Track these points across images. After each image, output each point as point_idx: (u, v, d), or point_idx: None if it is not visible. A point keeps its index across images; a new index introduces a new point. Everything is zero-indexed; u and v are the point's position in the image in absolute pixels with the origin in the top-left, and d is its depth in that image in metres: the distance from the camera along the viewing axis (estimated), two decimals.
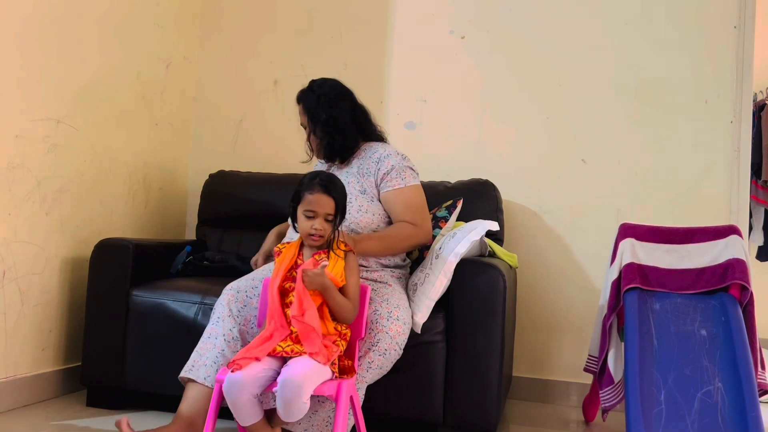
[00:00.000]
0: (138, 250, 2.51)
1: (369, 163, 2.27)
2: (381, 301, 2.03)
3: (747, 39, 2.79)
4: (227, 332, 1.99)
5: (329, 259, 1.85)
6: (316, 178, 1.87)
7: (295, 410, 1.63)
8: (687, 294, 2.27)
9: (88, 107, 2.69)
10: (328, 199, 1.84)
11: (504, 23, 3.06)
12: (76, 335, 2.65)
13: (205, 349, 2.00)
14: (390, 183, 2.22)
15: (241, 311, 2.03)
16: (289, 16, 3.31)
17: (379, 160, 2.25)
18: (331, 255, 1.86)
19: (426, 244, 2.30)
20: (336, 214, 1.86)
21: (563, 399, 2.90)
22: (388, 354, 1.96)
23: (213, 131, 3.37)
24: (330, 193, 1.85)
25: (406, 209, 2.21)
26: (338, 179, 1.91)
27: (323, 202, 1.84)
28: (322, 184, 1.85)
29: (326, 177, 1.88)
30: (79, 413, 2.39)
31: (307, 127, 2.32)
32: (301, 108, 2.34)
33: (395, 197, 2.22)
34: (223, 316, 2.03)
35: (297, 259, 1.89)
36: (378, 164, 2.24)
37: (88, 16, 2.65)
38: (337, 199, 1.86)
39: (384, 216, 2.25)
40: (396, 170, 2.23)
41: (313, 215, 1.84)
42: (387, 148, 2.30)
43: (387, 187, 2.22)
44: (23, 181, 2.41)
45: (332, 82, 2.34)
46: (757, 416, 1.91)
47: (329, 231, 1.86)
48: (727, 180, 2.80)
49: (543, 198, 2.97)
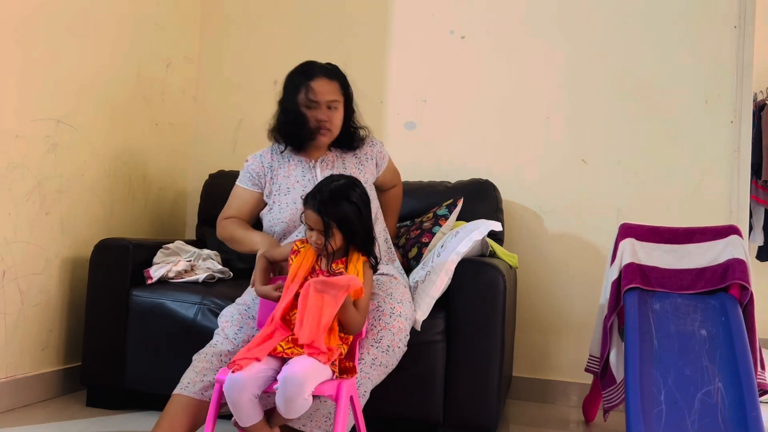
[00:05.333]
0: (138, 250, 2.51)
1: (366, 148, 2.37)
2: (384, 296, 2.02)
3: (747, 39, 2.79)
4: (224, 352, 1.97)
5: (347, 269, 1.85)
6: (308, 195, 1.88)
7: (296, 407, 1.63)
8: (687, 294, 2.27)
9: (88, 107, 2.69)
10: (316, 216, 1.83)
11: (504, 23, 3.06)
12: (76, 335, 2.65)
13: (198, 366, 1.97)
14: (384, 161, 2.44)
15: (237, 333, 2.01)
16: (289, 16, 3.31)
17: (373, 145, 2.39)
18: (349, 266, 1.85)
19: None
20: (327, 230, 1.83)
21: (563, 399, 2.90)
22: (392, 351, 1.95)
23: (213, 131, 3.37)
24: (314, 208, 1.83)
25: (392, 177, 2.53)
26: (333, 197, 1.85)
27: (312, 218, 1.84)
28: (307, 200, 1.86)
29: (315, 192, 1.87)
30: (79, 413, 2.39)
31: (331, 104, 2.23)
32: (337, 86, 2.25)
33: (387, 172, 2.46)
34: (219, 340, 2.01)
35: (315, 265, 1.88)
36: (378, 147, 2.40)
37: (88, 15, 2.65)
38: (323, 216, 1.82)
39: (377, 200, 2.37)
40: (383, 148, 2.44)
41: (311, 228, 1.86)
42: (371, 137, 2.41)
43: (383, 165, 2.43)
44: (23, 181, 2.41)
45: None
46: (757, 416, 1.91)
47: (334, 244, 1.84)
48: (727, 180, 2.80)
49: (543, 198, 2.97)
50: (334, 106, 2.23)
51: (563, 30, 2.99)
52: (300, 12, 3.30)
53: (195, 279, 2.53)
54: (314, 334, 1.66)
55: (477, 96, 3.07)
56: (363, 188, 1.92)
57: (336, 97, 2.24)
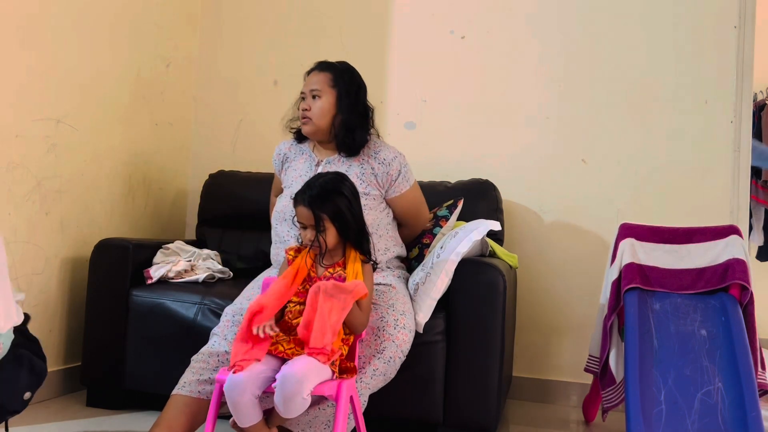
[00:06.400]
0: (138, 250, 2.51)
1: (374, 163, 2.25)
2: (387, 307, 2.01)
3: (747, 39, 2.79)
4: (221, 353, 1.97)
5: (345, 271, 1.84)
6: (297, 193, 1.87)
7: (295, 406, 1.62)
8: (687, 294, 2.27)
9: (88, 107, 2.69)
10: (307, 211, 1.82)
11: (504, 23, 3.05)
12: (76, 335, 2.65)
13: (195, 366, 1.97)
14: (397, 188, 2.27)
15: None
16: (289, 16, 3.31)
17: (385, 162, 2.25)
18: (348, 267, 1.84)
19: (421, 230, 2.46)
20: (318, 224, 1.81)
21: (563, 399, 2.90)
22: (393, 362, 1.95)
23: (213, 131, 3.37)
24: (304, 203, 1.83)
25: (404, 213, 2.35)
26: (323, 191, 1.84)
27: (304, 214, 1.84)
28: (297, 198, 1.85)
29: (304, 189, 1.86)
30: (79, 413, 2.39)
31: (314, 93, 2.24)
32: (325, 77, 2.26)
33: (400, 201, 2.31)
34: (218, 340, 2.01)
35: (310, 271, 1.87)
36: (385, 167, 2.24)
37: (88, 16, 2.65)
38: (314, 210, 1.81)
39: (387, 211, 2.27)
40: (402, 175, 2.27)
41: (302, 226, 1.86)
42: (390, 150, 2.29)
43: (395, 192, 2.28)
44: (23, 181, 2.41)
45: (354, 69, 2.35)
46: (757, 416, 1.91)
47: (328, 240, 1.82)
48: (727, 180, 2.80)
49: (543, 198, 2.97)
50: (316, 94, 2.24)
51: (563, 30, 2.99)
52: (300, 12, 3.30)
53: (195, 279, 2.53)
54: (323, 340, 1.66)
55: (477, 96, 3.06)
56: (351, 182, 1.91)
57: (319, 86, 2.24)
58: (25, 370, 1.61)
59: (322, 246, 1.83)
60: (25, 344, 1.64)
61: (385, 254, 2.23)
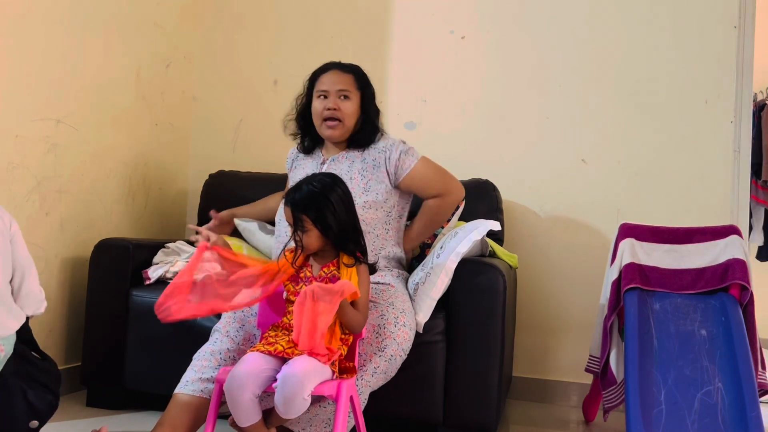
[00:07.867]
0: (138, 250, 2.51)
1: (374, 153, 2.26)
2: (387, 305, 2.02)
3: (747, 39, 2.79)
4: (224, 350, 1.97)
5: (339, 272, 1.83)
6: (286, 193, 1.87)
7: (295, 406, 1.62)
8: (687, 294, 2.27)
9: (88, 107, 2.69)
10: (289, 211, 1.83)
11: (504, 23, 3.06)
12: (76, 335, 2.65)
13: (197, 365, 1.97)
14: (404, 167, 2.24)
15: (239, 331, 2.01)
16: (289, 15, 3.31)
17: (384, 149, 2.26)
18: (341, 268, 1.83)
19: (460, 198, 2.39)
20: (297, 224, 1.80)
21: (563, 399, 2.90)
22: (394, 360, 1.95)
23: (213, 131, 3.37)
24: (287, 204, 1.83)
25: (426, 187, 2.29)
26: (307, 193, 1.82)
27: (288, 214, 1.84)
28: (285, 198, 1.85)
29: (293, 189, 1.86)
30: (79, 413, 2.39)
31: (342, 94, 2.24)
32: (351, 78, 2.27)
33: (412, 180, 2.26)
34: (220, 337, 2.01)
35: (306, 271, 1.86)
36: (385, 153, 2.25)
37: (88, 15, 2.65)
38: (294, 211, 1.80)
39: (389, 210, 2.24)
40: (403, 152, 2.26)
41: (290, 225, 1.85)
42: (389, 138, 2.32)
43: (404, 171, 2.24)
44: (23, 181, 2.41)
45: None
46: (757, 416, 1.91)
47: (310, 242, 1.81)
48: (727, 180, 2.80)
49: (543, 198, 2.97)
50: (346, 95, 2.23)
51: (563, 30, 2.99)
52: (300, 12, 3.30)
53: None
54: (312, 342, 1.65)
55: (477, 96, 3.06)
56: (344, 186, 1.88)
57: (348, 87, 2.23)
58: (18, 398, 1.59)
59: (300, 246, 1.83)
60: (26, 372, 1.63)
61: (381, 254, 2.22)
